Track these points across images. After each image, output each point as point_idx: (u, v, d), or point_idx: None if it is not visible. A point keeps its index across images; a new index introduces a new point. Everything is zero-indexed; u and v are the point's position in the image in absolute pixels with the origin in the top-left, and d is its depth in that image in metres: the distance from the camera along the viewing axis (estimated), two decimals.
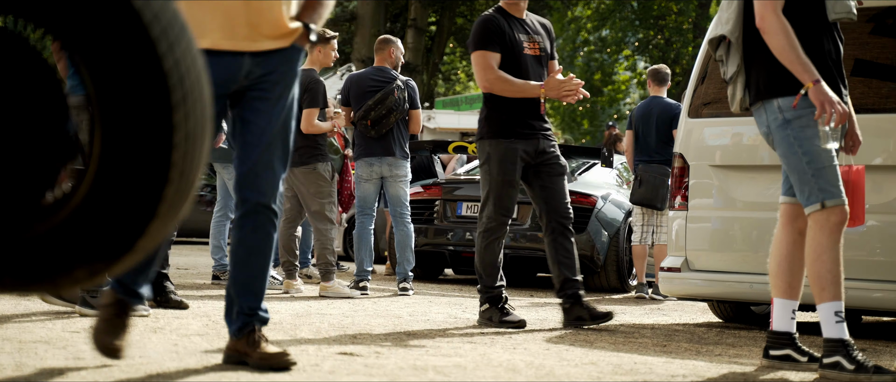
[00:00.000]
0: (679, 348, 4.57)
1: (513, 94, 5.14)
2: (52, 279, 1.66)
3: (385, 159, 7.23)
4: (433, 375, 3.35)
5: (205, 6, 3.22)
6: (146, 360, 3.43)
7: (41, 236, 1.62)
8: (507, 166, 5.14)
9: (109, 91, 1.57)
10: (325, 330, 4.61)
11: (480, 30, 5.21)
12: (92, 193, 1.59)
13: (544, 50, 5.31)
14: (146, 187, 1.60)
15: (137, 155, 1.58)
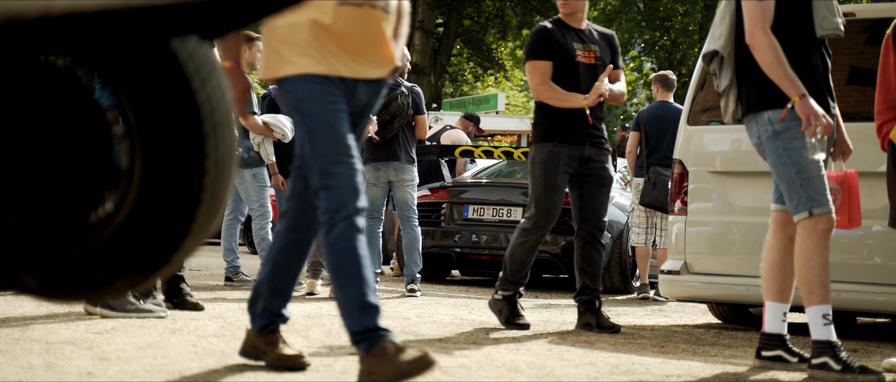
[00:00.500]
0: (676, 348, 4.75)
1: (558, 103, 5.33)
2: (97, 289, 1.86)
3: (391, 164, 7.42)
4: (439, 374, 3.54)
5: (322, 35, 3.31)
6: (168, 360, 3.63)
7: (87, 251, 1.82)
8: (549, 169, 5.32)
9: (148, 123, 1.76)
10: (337, 331, 4.81)
11: (532, 40, 5.41)
12: (133, 212, 1.79)
13: (600, 59, 5.45)
14: (181, 208, 1.79)
15: (173, 179, 1.78)
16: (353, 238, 3.22)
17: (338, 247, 3.20)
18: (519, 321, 5.30)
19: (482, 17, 26.17)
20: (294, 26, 3.32)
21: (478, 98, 23.94)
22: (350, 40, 3.34)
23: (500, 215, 8.79)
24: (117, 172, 1.78)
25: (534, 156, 5.37)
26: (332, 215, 3.21)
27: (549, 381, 3.53)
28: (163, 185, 1.78)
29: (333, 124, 3.27)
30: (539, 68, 5.33)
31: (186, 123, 1.76)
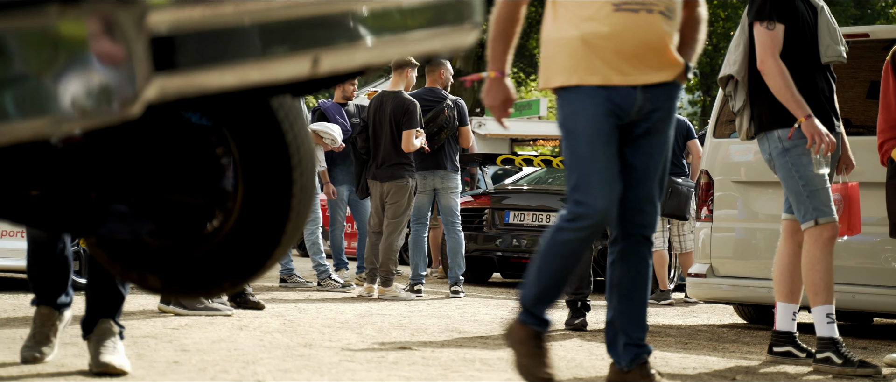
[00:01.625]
0: (698, 345, 5.17)
1: None
2: (206, 289, 2.34)
3: (437, 173, 7.89)
4: (479, 366, 4.00)
5: (597, 43, 3.31)
6: (241, 352, 4.13)
7: (200, 257, 2.30)
8: None
9: (250, 157, 2.24)
10: (387, 328, 5.29)
11: None
12: (236, 228, 2.27)
13: None
14: (273, 224, 2.27)
15: (267, 201, 2.26)
16: (570, 248, 3.35)
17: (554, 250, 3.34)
18: (575, 322, 5.70)
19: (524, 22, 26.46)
20: (566, 37, 3.34)
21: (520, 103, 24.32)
22: (626, 46, 3.32)
23: (540, 220, 9.23)
24: (225, 195, 2.26)
25: None
26: (568, 221, 3.33)
27: (576, 373, 3.98)
28: (259, 205, 2.26)
29: (592, 145, 3.31)
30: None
31: (278, 157, 2.24)
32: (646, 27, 3.32)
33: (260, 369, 3.69)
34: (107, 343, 3.44)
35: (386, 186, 7.63)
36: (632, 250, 3.45)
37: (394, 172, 7.58)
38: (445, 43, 1.83)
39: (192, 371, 3.61)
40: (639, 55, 3.33)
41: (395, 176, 7.59)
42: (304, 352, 4.20)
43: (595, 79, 3.32)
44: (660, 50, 3.35)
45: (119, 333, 3.54)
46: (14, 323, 4.94)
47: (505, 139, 22.44)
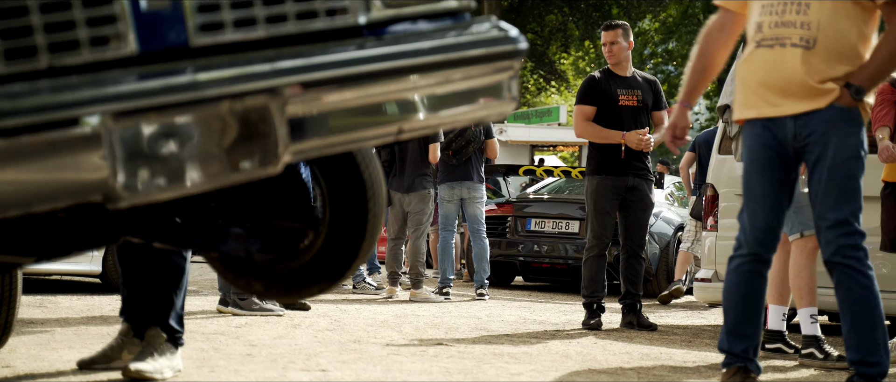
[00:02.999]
0: (701, 343, 5.79)
1: (597, 139, 6.38)
2: (299, 293, 3.00)
3: (465, 184, 8.53)
4: (507, 359, 4.64)
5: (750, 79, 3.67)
6: (300, 347, 4.78)
7: (295, 268, 2.96)
8: (598, 198, 6.36)
9: (336, 191, 2.89)
10: (423, 327, 5.93)
11: (580, 88, 6.51)
12: (323, 246, 2.92)
13: (643, 102, 6.46)
14: (352, 243, 2.91)
15: (348, 225, 2.90)
16: (740, 276, 3.71)
17: (728, 281, 3.76)
18: (591, 322, 6.32)
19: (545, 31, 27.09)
20: (738, 76, 3.76)
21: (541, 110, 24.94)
22: (770, 80, 3.61)
23: (559, 228, 9.87)
24: (316, 221, 2.91)
25: (587, 186, 6.43)
26: (734, 250, 3.74)
27: (591, 365, 4.62)
28: (342, 229, 2.91)
29: (749, 174, 3.70)
30: (582, 112, 6.40)
31: (357, 191, 2.89)
32: (781, 61, 3.58)
33: (321, 360, 4.34)
34: (148, 350, 3.75)
35: (409, 196, 8.26)
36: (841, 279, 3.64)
37: (416, 182, 8.21)
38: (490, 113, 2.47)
39: (265, 362, 4.26)
40: (782, 87, 3.58)
41: (417, 187, 8.23)
42: (354, 347, 4.85)
43: (751, 112, 3.67)
44: (798, 82, 3.56)
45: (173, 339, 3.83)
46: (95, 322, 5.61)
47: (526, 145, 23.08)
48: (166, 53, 2.13)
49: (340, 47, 2.28)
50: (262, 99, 2.15)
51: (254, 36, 2.22)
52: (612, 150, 6.34)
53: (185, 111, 2.08)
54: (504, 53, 2.44)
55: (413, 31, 2.39)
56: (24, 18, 2.00)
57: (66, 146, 1.97)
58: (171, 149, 2.08)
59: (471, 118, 2.47)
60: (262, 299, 5.97)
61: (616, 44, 6.48)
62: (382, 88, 2.29)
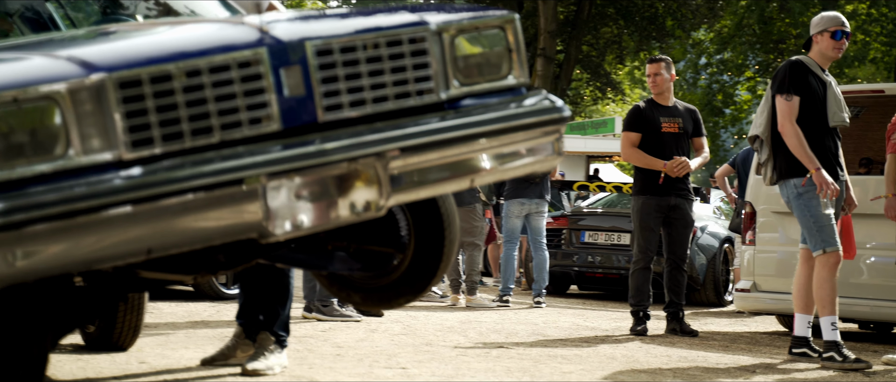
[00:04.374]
0: (737, 348, 6.44)
1: (642, 165, 7.06)
2: (390, 304, 3.73)
3: (534, 201, 9.24)
4: (560, 360, 5.34)
5: None
6: (381, 348, 5.52)
7: (386, 284, 3.70)
8: (643, 216, 7.04)
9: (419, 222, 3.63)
10: (486, 332, 6.65)
11: (626, 116, 7.21)
12: (409, 266, 3.65)
13: (683, 128, 7.15)
14: (432, 264, 3.64)
15: (429, 249, 3.63)
16: None
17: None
18: (637, 328, 6.99)
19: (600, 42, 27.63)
20: None
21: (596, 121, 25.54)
22: None
23: (612, 240, 10.54)
24: (403, 245, 3.64)
25: (633, 205, 7.11)
26: None
27: (633, 366, 5.31)
28: (424, 252, 3.64)
29: None
30: (628, 138, 7.08)
31: (436, 221, 3.62)
32: None
33: (400, 360, 5.08)
34: (260, 351, 4.49)
35: (459, 211, 8.98)
36: None
37: (465, 197, 8.94)
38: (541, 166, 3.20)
39: (353, 361, 5.01)
40: None
41: (466, 202, 8.96)
42: (427, 349, 5.58)
43: None
44: None
45: (279, 341, 4.58)
46: (199, 326, 6.41)
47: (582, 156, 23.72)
48: (301, 128, 2.88)
49: (427, 119, 3.02)
50: (371, 161, 2.89)
51: (364, 113, 2.97)
52: (654, 173, 7.01)
53: (315, 171, 2.83)
54: (552, 120, 3.17)
55: (482, 105, 3.12)
56: (203, 107, 2.77)
57: (234, 199, 2.73)
58: (306, 198, 2.83)
59: (526, 171, 3.19)
60: (359, 309, 6.74)
61: (659, 75, 7.15)
62: (459, 150, 3.02)
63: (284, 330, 4.59)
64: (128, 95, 2.71)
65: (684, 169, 6.97)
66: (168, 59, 2.76)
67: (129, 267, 3.21)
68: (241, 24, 3.01)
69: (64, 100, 2.66)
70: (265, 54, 2.85)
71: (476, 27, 3.19)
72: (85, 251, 2.61)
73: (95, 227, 2.60)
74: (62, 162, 2.66)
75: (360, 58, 2.98)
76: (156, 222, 2.66)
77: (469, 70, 3.17)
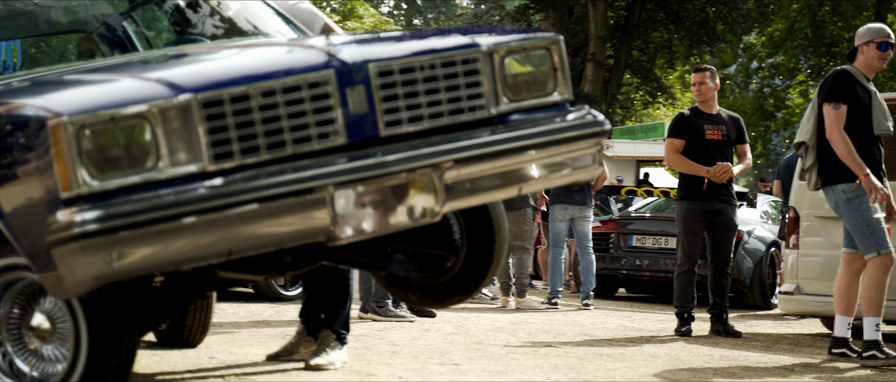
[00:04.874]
0: (779, 348, 6.64)
1: (685, 171, 7.29)
2: (443, 303, 4.02)
3: (577, 206, 9.49)
4: (606, 358, 5.59)
5: None
6: (434, 346, 5.81)
7: (440, 284, 3.99)
8: (687, 221, 7.27)
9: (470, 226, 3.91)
10: (535, 332, 6.92)
11: (671, 124, 7.44)
12: (462, 268, 3.93)
13: (727, 135, 7.37)
14: (483, 265, 3.92)
15: (480, 252, 3.92)
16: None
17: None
18: (682, 329, 7.21)
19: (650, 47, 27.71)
20: None
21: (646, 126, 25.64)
22: None
23: (659, 244, 10.75)
24: (456, 248, 3.93)
25: (678, 210, 7.34)
26: None
27: (676, 364, 5.54)
28: (475, 255, 3.92)
29: None
30: (673, 145, 7.31)
31: (486, 226, 3.91)
32: None
33: (453, 357, 5.37)
34: (321, 348, 4.81)
35: (510, 215, 9.25)
36: None
37: (515, 202, 9.19)
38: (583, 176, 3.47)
39: (408, 358, 5.30)
40: None
41: (516, 207, 9.22)
42: (478, 347, 5.86)
43: None
44: None
45: (339, 338, 4.90)
46: (260, 325, 6.75)
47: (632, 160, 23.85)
48: (365, 142, 3.18)
49: (479, 133, 3.31)
50: (427, 171, 3.19)
51: (421, 128, 3.26)
52: (698, 178, 7.23)
53: (377, 181, 3.13)
54: (594, 133, 3.44)
55: (529, 119, 3.41)
56: (277, 123, 3.08)
57: (305, 206, 3.03)
58: (368, 206, 3.13)
59: (570, 179, 3.47)
60: (414, 308, 7.05)
61: (704, 84, 7.37)
62: (508, 161, 3.31)
63: (345, 328, 4.89)
64: (210, 113, 3.03)
65: (727, 175, 7.18)
66: (246, 80, 3.08)
67: (208, 268, 3.53)
68: (310, 48, 3.32)
69: (155, 118, 2.98)
70: (332, 76, 3.16)
71: (524, 48, 3.47)
72: (174, 252, 2.93)
73: (183, 231, 2.92)
74: (153, 173, 2.99)
75: (417, 77, 3.28)
76: (236, 227, 2.97)
77: (517, 87, 3.46)
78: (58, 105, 2.98)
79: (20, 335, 3.49)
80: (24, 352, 3.48)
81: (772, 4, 26.04)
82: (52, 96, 3.15)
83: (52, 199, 2.95)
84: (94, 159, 2.93)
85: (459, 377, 4.71)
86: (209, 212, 2.94)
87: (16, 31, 5.19)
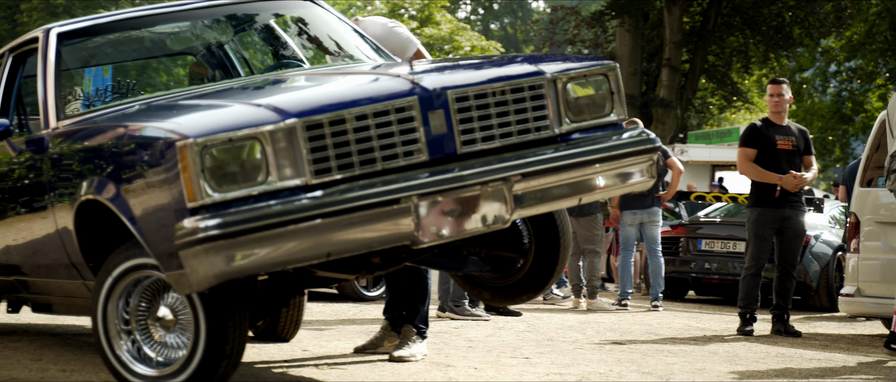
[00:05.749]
0: (837, 347, 6.96)
1: (758, 179, 7.63)
2: (514, 300, 4.49)
3: (646, 210, 9.86)
4: (667, 354, 6.00)
5: None
6: (506, 342, 6.27)
7: (511, 283, 4.46)
8: (758, 227, 7.60)
9: (538, 231, 4.37)
10: (603, 331, 7.34)
11: (744, 134, 7.79)
12: (531, 268, 4.40)
13: (796, 146, 7.71)
14: (549, 266, 4.38)
15: (547, 254, 4.38)
16: None
17: None
18: (743, 329, 7.56)
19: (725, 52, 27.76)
20: None
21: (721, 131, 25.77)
22: None
23: (728, 248, 11.07)
24: (525, 251, 4.40)
25: (749, 216, 7.66)
26: None
27: (733, 360, 5.93)
28: (543, 257, 4.39)
29: None
30: (745, 154, 7.65)
31: (552, 231, 4.37)
32: None
33: (524, 352, 5.83)
34: (404, 342, 5.29)
35: (581, 220, 9.66)
36: None
37: (585, 208, 9.58)
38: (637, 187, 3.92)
39: (482, 352, 5.77)
40: None
41: (587, 212, 9.61)
42: (548, 344, 6.31)
43: None
44: None
45: (420, 333, 5.40)
46: (345, 323, 7.27)
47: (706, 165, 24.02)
48: (444, 158, 3.67)
49: (544, 150, 3.78)
50: (499, 184, 3.66)
51: (493, 146, 3.74)
52: (770, 186, 7.56)
53: (455, 192, 3.62)
54: (646, 149, 3.89)
55: (588, 138, 3.87)
56: (368, 143, 3.58)
57: (393, 214, 3.53)
58: (447, 214, 3.62)
59: (625, 190, 3.91)
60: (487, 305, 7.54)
61: (781, 96, 7.71)
62: (570, 175, 3.77)
63: (424, 324, 5.37)
64: (312, 135, 3.54)
65: (801, 184, 7.52)
66: (343, 106, 3.59)
67: (307, 268, 4.04)
68: (397, 77, 3.82)
69: (265, 140, 3.50)
70: (416, 102, 3.66)
71: (584, 75, 3.94)
72: (282, 253, 3.44)
73: (290, 235, 3.44)
74: (263, 186, 3.50)
75: (489, 102, 3.76)
76: (334, 233, 3.48)
77: (578, 109, 3.92)
78: (184, 128, 3.52)
79: (147, 325, 4.03)
80: (151, 340, 4.03)
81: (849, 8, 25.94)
82: (177, 121, 3.68)
83: (178, 208, 3.49)
84: (215, 175, 3.45)
85: (529, 368, 5.16)
86: (312, 219, 3.44)
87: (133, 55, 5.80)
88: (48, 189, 4.37)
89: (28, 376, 4.41)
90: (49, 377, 4.39)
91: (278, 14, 5.39)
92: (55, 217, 4.34)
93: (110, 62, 5.85)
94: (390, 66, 4.42)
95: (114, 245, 4.16)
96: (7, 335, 6.00)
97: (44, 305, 5.47)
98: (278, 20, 5.43)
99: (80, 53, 5.20)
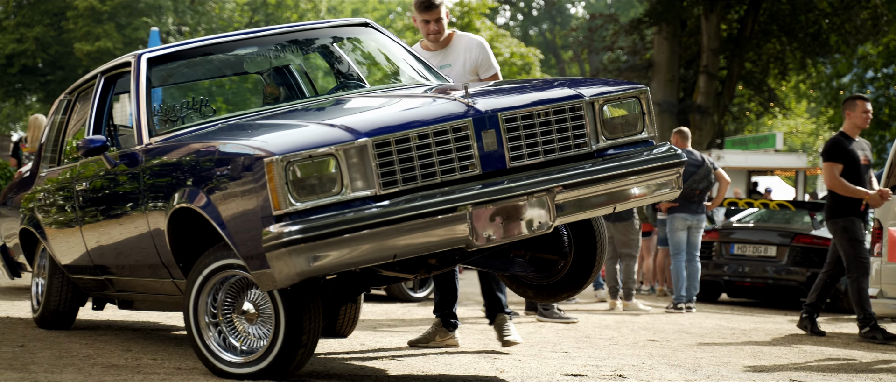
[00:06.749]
0: (858, 345, 7.40)
1: (846, 194, 8.00)
2: (555, 298, 5.00)
3: (695, 216, 10.29)
4: (695, 349, 6.48)
5: None
6: (547, 338, 6.78)
7: (553, 282, 4.97)
8: (853, 232, 7.85)
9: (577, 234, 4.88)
10: (637, 329, 7.82)
11: (830, 147, 8.05)
12: (570, 270, 4.91)
13: (869, 160, 8.07)
14: (587, 267, 4.89)
15: (585, 257, 4.89)
16: None
17: None
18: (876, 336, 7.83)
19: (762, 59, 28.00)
20: None
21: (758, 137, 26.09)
22: None
23: (760, 252, 11.50)
24: (565, 254, 4.91)
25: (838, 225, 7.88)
26: None
27: (756, 354, 6.39)
28: (581, 259, 4.90)
29: None
30: (833, 168, 7.91)
31: (589, 235, 4.88)
32: None
33: (563, 346, 6.34)
34: (506, 326, 5.91)
35: (618, 225, 10.11)
36: None
37: (623, 215, 10.03)
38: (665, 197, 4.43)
39: (526, 346, 6.28)
40: None
41: (624, 218, 10.07)
42: (585, 340, 6.81)
43: None
44: None
45: (510, 316, 5.96)
46: (395, 323, 7.81)
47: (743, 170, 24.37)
48: (495, 172, 4.20)
49: (582, 164, 4.30)
50: (543, 194, 4.18)
51: (538, 161, 4.26)
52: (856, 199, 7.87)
53: (504, 202, 4.14)
54: (674, 163, 4.39)
55: (622, 154, 4.38)
56: (429, 158, 4.11)
57: (450, 221, 4.06)
58: (497, 221, 4.14)
59: (654, 200, 4.42)
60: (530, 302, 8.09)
61: (867, 112, 8.07)
62: (606, 186, 4.29)
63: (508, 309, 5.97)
64: (380, 151, 4.08)
65: (885, 200, 7.85)
66: (407, 126, 4.13)
67: (373, 268, 4.58)
68: (453, 100, 4.34)
69: (340, 156, 4.04)
70: (471, 123, 4.18)
71: (618, 97, 4.45)
72: (355, 255, 3.98)
73: (362, 239, 3.97)
74: (338, 197, 4.04)
75: (535, 122, 4.28)
76: (399, 237, 4.01)
77: (613, 128, 4.43)
78: (269, 146, 4.06)
79: (232, 318, 4.59)
80: (235, 332, 4.58)
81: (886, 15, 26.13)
82: (262, 139, 4.23)
83: (265, 215, 4.03)
84: (297, 186, 3.99)
85: (568, 361, 5.67)
86: (381, 226, 3.98)
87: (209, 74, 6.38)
88: (142, 198, 4.94)
89: (125, 363, 4.97)
90: (143, 363, 4.95)
91: (338, 37, 5.92)
92: (149, 223, 4.91)
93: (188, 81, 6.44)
94: (445, 88, 4.94)
95: (200, 248, 4.72)
96: (94, 330, 6.60)
97: (127, 301, 6.06)
98: (339, 43, 5.96)
99: (163, 74, 5.77)
